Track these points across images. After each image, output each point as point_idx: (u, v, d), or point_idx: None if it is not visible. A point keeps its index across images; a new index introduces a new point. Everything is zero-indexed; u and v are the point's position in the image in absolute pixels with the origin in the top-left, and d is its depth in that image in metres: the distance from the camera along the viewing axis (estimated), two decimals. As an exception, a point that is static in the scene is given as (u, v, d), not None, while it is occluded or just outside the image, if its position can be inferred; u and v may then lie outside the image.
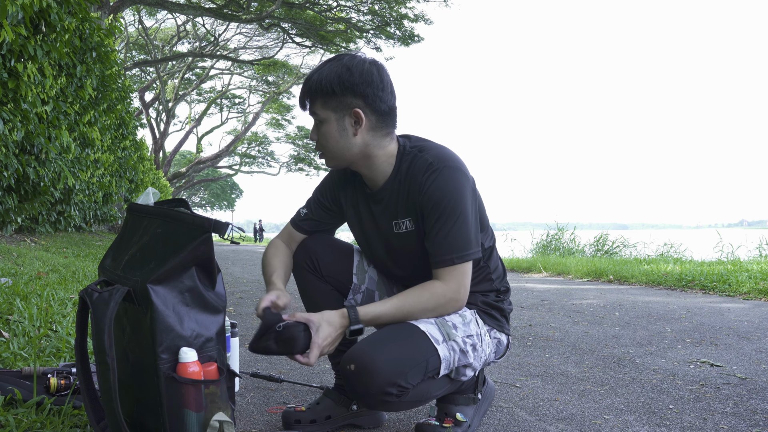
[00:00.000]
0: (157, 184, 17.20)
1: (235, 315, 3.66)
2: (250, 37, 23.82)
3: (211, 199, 52.21)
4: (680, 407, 1.83)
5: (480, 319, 1.52)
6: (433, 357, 1.38)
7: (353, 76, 1.38)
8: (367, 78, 1.38)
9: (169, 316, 1.18)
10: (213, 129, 35.00)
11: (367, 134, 1.43)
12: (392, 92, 1.44)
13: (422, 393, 1.41)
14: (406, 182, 1.46)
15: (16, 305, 2.57)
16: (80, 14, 5.40)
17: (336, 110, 1.40)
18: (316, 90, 1.40)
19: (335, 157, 1.46)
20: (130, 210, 1.38)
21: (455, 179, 1.41)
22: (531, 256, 9.80)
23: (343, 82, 1.38)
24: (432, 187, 1.41)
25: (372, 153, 1.45)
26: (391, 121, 1.46)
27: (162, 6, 15.41)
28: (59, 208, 7.51)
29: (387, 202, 1.50)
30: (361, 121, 1.40)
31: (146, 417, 1.22)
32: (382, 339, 1.38)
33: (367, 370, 1.31)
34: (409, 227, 1.48)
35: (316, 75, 1.41)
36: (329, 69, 1.40)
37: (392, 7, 17.20)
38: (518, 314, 3.81)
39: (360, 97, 1.39)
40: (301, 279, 1.63)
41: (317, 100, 1.41)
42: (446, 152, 1.46)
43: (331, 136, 1.43)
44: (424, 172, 1.42)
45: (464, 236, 1.40)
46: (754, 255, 8.11)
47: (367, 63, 1.41)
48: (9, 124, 4.19)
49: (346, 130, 1.41)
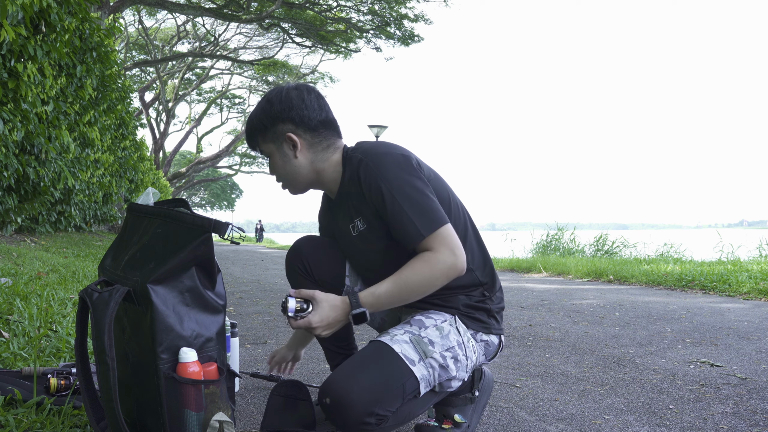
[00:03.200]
0: (157, 184, 17.20)
1: (235, 315, 3.66)
2: (250, 37, 23.83)
3: (211, 199, 52.20)
4: (680, 407, 1.83)
5: (462, 326, 1.48)
6: (409, 379, 1.36)
7: (273, 105, 1.48)
8: (287, 104, 1.47)
9: (169, 316, 1.18)
10: (213, 129, 34.99)
11: (309, 152, 1.50)
12: (320, 107, 1.50)
13: (404, 415, 1.40)
14: (350, 184, 1.49)
15: (16, 305, 2.57)
16: (80, 14, 5.40)
17: (274, 141, 1.50)
18: (253, 129, 1.52)
19: (291, 183, 1.54)
20: (130, 210, 1.38)
21: (384, 164, 1.42)
22: (531, 256, 9.80)
23: (268, 114, 1.48)
24: (367, 180, 1.42)
25: (319, 168, 1.51)
26: (327, 133, 1.51)
27: (162, 6, 15.41)
28: (59, 208, 7.51)
29: (342, 207, 1.54)
30: (296, 143, 1.48)
31: (146, 417, 1.22)
32: (356, 366, 1.36)
33: (343, 403, 1.29)
34: (361, 227, 1.49)
35: (250, 116, 1.53)
36: (257, 108, 1.52)
37: (392, 7, 17.21)
38: (518, 314, 3.81)
39: (288, 122, 1.48)
40: (294, 283, 1.64)
41: (257, 138, 1.52)
42: (376, 145, 1.48)
43: (279, 165, 1.52)
44: (357, 169, 1.44)
45: (424, 207, 1.38)
46: (754, 255, 8.11)
47: (287, 90, 1.50)
48: (9, 124, 4.19)
49: (287, 155, 1.50)
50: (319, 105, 1.50)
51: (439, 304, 1.51)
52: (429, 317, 1.48)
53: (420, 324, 1.46)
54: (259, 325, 3.32)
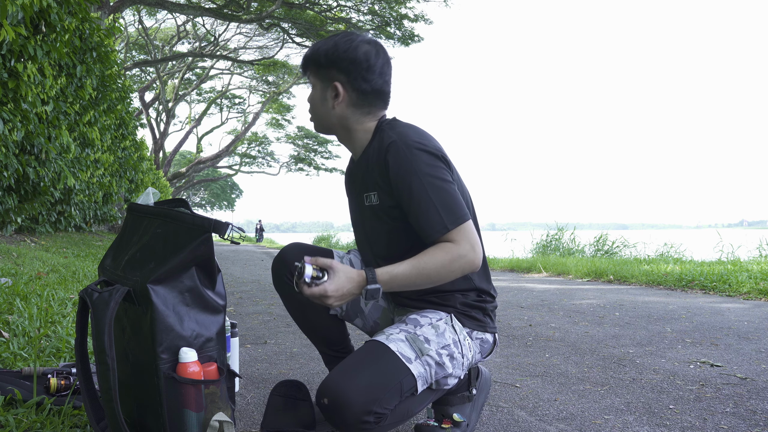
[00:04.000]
0: (157, 184, 17.20)
1: (235, 315, 3.66)
2: (250, 37, 23.82)
3: (211, 199, 52.19)
4: (680, 407, 1.83)
5: (458, 324, 1.49)
6: (406, 377, 1.36)
7: (338, 51, 1.46)
8: (351, 56, 1.45)
9: (169, 316, 1.18)
10: (213, 129, 34.96)
11: (346, 109, 1.49)
12: (381, 74, 1.48)
13: (403, 413, 1.40)
14: (374, 156, 1.48)
15: (16, 305, 2.58)
16: (80, 14, 5.40)
17: (322, 80, 1.50)
18: (309, 58, 1.51)
19: (316, 121, 1.56)
20: (130, 210, 1.38)
21: (415, 154, 1.40)
22: (531, 256, 9.80)
23: (329, 55, 1.47)
24: (396, 164, 1.40)
25: (350, 126, 1.51)
26: (375, 101, 1.49)
27: (162, 6, 15.41)
28: (59, 208, 7.52)
29: (362, 173, 1.53)
30: (339, 94, 1.47)
31: (146, 417, 1.22)
32: (352, 366, 1.36)
33: (341, 403, 1.29)
34: (374, 201, 1.49)
35: (315, 45, 1.52)
36: (326, 41, 1.50)
37: (392, 7, 17.20)
38: (518, 314, 3.81)
39: (343, 73, 1.46)
40: (284, 294, 1.62)
41: (309, 68, 1.52)
42: (411, 130, 1.46)
43: (316, 102, 1.53)
44: (387, 148, 1.43)
45: (451, 201, 1.38)
46: (754, 255, 8.10)
47: (359, 42, 1.47)
48: (9, 124, 4.19)
49: (327, 99, 1.50)
50: (380, 72, 1.48)
51: (436, 302, 1.51)
52: (424, 316, 1.48)
53: (415, 323, 1.46)
54: (259, 325, 3.32)
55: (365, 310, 1.62)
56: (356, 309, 1.62)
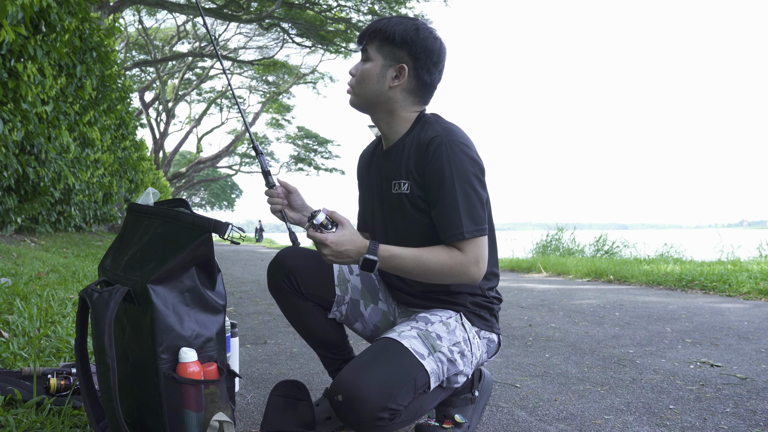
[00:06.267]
0: (157, 184, 17.19)
1: (235, 315, 3.66)
2: (250, 37, 23.82)
3: (211, 199, 52.17)
4: (680, 407, 1.83)
5: (467, 322, 1.50)
6: (420, 373, 1.36)
7: (418, 37, 1.45)
8: (427, 45, 1.45)
9: (169, 316, 1.18)
10: (213, 129, 35.02)
11: (400, 93, 1.48)
12: (440, 72, 1.50)
13: (416, 410, 1.40)
14: (413, 145, 1.47)
15: (16, 305, 2.58)
16: (80, 14, 5.41)
17: (386, 57, 1.47)
18: (379, 31, 1.47)
19: (360, 96, 1.50)
20: (130, 210, 1.38)
21: (461, 157, 1.41)
22: (531, 256, 9.80)
23: (406, 37, 1.45)
24: (439, 160, 1.40)
25: (395, 110, 1.50)
26: (426, 95, 1.51)
27: (162, 6, 15.41)
28: (59, 208, 7.52)
29: (393, 160, 1.52)
30: (401, 77, 1.46)
31: (146, 417, 1.22)
32: (366, 362, 1.35)
33: (356, 399, 1.29)
34: (404, 190, 1.48)
35: (386, 20, 1.48)
36: (401, 20, 1.48)
37: (392, 7, 17.20)
38: (518, 314, 3.81)
39: (412, 58, 1.45)
40: (281, 300, 1.60)
41: (375, 41, 1.48)
42: (457, 129, 1.46)
43: (370, 76, 1.48)
44: (430, 143, 1.42)
45: (476, 212, 1.40)
46: (754, 255, 8.10)
47: (436, 37, 1.48)
48: (9, 124, 4.19)
49: (386, 77, 1.47)
50: (441, 69, 1.50)
51: (446, 301, 1.52)
52: (434, 314, 1.49)
53: (426, 320, 1.47)
54: (259, 325, 3.32)
55: (365, 313, 1.62)
56: (356, 313, 1.61)
